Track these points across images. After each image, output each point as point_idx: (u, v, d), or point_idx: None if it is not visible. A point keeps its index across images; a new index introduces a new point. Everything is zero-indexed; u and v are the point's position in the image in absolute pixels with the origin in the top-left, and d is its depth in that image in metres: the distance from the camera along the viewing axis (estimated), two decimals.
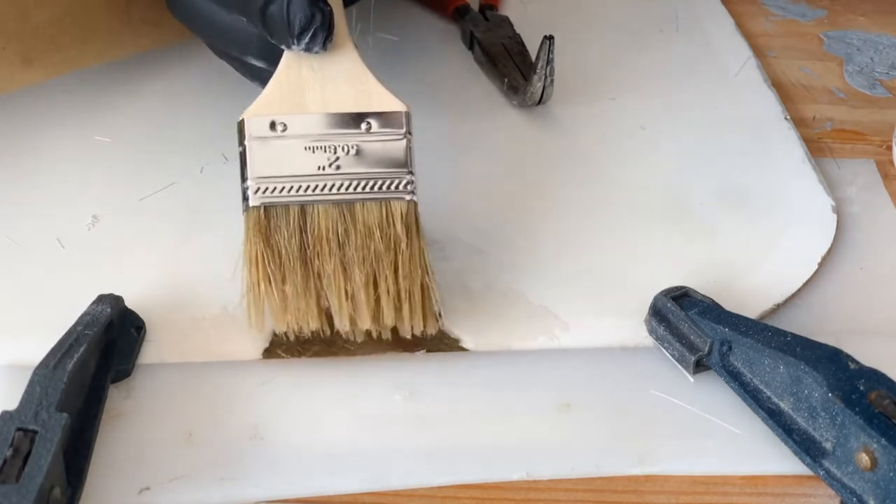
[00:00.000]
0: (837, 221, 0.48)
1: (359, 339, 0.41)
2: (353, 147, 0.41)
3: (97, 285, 0.41)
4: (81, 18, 0.49)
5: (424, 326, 0.40)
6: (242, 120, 0.41)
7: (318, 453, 0.38)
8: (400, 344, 0.41)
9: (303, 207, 0.40)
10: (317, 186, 0.40)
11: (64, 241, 0.45)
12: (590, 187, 0.50)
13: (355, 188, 0.40)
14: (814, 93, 0.59)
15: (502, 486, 0.37)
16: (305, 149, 0.41)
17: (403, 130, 0.42)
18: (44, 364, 0.36)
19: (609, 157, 0.52)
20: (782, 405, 0.38)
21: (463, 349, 0.42)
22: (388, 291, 0.39)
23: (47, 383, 0.35)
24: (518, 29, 0.58)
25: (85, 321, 0.39)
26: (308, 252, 0.39)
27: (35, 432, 0.33)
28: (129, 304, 0.41)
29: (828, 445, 0.37)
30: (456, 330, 0.42)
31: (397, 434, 0.38)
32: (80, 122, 0.51)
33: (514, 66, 0.55)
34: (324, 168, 0.40)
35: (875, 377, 0.36)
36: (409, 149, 0.41)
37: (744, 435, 0.39)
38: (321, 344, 0.41)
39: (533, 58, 0.52)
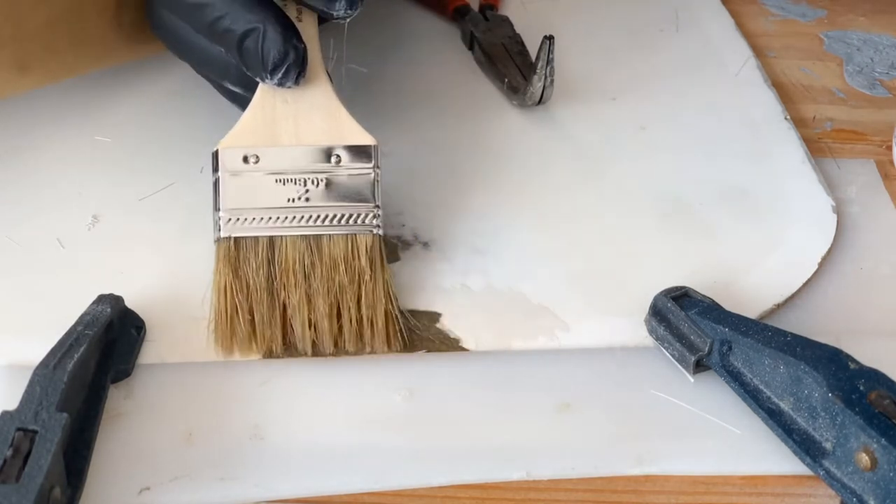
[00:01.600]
0: (837, 221, 0.48)
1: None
2: (322, 180, 0.42)
3: (97, 285, 0.41)
4: (75, 23, 0.48)
5: (388, 348, 0.41)
6: (217, 150, 0.42)
7: (318, 453, 0.38)
8: (400, 344, 0.41)
9: (271, 240, 0.41)
10: (286, 219, 0.41)
11: (64, 241, 0.45)
12: (590, 187, 0.50)
13: (323, 221, 0.41)
14: (814, 93, 0.59)
15: (502, 486, 0.37)
16: (276, 181, 0.42)
17: (371, 164, 0.42)
18: (44, 364, 0.36)
19: (609, 157, 0.52)
20: (782, 405, 0.38)
21: (463, 349, 0.42)
22: (350, 321, 0.41)
23: (47, 383, 0.35)
24: (518, 29, 0.58)
25: (85, 321, 0.39)
26: (275, 283, 0.40)
27: (35, 432, 0.33)
28: (129, 304, 0.41)
29: (828, 445, 0.37)
30: (456, 330, 0.42)
31: (397, 434, 0.38)
32: (80, 122, 0.51)
33: (514, 66, 0.55)
34: (293, 200, 0.41)
35: (875, 377, 0.36)
36: (376, 182, 0.42)
37: (744, 435, 0.39)
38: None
39: (533, 58, 0.52)
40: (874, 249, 0.48)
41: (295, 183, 0.41)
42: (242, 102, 0.44)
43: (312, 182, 0.42)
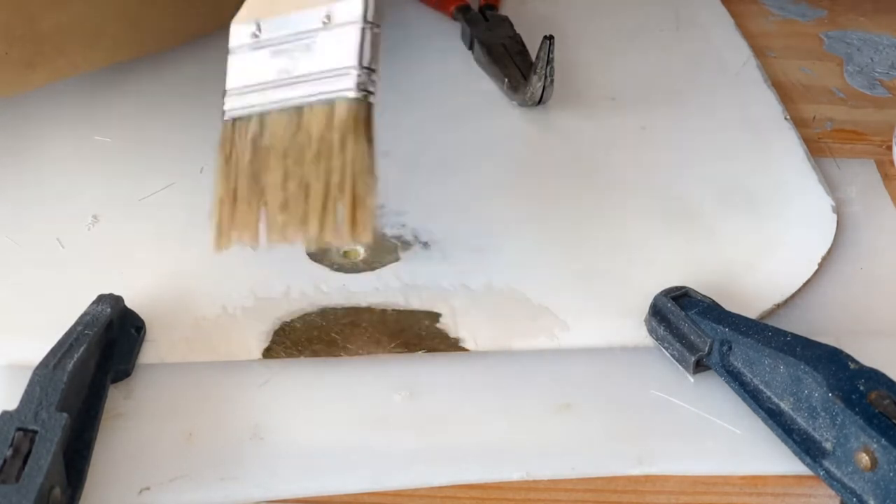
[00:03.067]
0: (837, 221, 0.48)
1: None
2: (308, 45, 0.38)
3: (97, 285, 0.41)
4: (89, 26, 0.48)
5: (355, 235, 0.37)
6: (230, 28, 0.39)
7: (318, 453, 0.38)
8: (400, 344, 0.41)
9: (261, 117, 0.39)
10: (275, 92, 0.38)
11: (64, 241, 0.45)
12: (590, 187, 0.50)
13: (306, 90, 0.38)
14: (814, 93, 0.59)
15: (502, 486, 0.37)
16: (270, 53, 0.39)
17: (360, 15, 0.37)
18: (44, 364, 0.36)
19: (609, 157, 0.52)
20: (782, 405, 0.38)
21: (463, 349, 0.42)
22: (318, 204, 0.37)
23: (47, 383, 0.35)
24: (518, 29, 0.58)
25: (85, 321, 0.39)
26: (257, 165, 0.38)
27: (35, 432, 0.33)
28: (129, 304, 0.41)
29: (828, 445, 0.37)
30: (456, 330, 0.42)
31: (397, 434, 0.38)
32: (80, 122, 0.51)
33: (514, 66, 0.55)
34: (282, 72, 0.38)
35: (875, 377, 0.36)
36: (363, 41, 0.37)
37: (744, 435, 0.39)
38: (321, 343, 0.41)
39: (533, 58, 0.52)
40: (874, 249, 0.48)
41: (287, 53, 0.38)
42: None
43: (300, 49, 0.38)
